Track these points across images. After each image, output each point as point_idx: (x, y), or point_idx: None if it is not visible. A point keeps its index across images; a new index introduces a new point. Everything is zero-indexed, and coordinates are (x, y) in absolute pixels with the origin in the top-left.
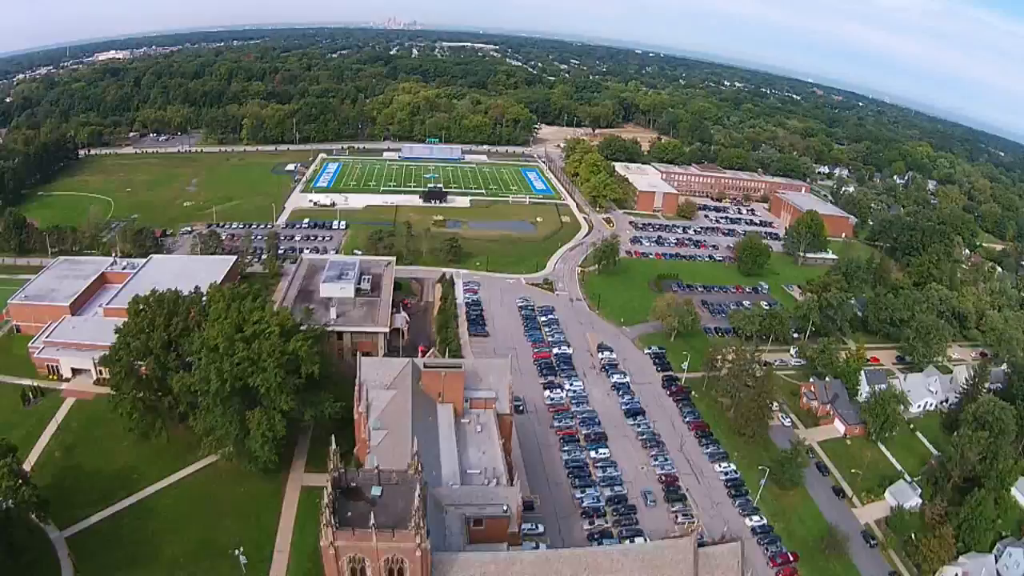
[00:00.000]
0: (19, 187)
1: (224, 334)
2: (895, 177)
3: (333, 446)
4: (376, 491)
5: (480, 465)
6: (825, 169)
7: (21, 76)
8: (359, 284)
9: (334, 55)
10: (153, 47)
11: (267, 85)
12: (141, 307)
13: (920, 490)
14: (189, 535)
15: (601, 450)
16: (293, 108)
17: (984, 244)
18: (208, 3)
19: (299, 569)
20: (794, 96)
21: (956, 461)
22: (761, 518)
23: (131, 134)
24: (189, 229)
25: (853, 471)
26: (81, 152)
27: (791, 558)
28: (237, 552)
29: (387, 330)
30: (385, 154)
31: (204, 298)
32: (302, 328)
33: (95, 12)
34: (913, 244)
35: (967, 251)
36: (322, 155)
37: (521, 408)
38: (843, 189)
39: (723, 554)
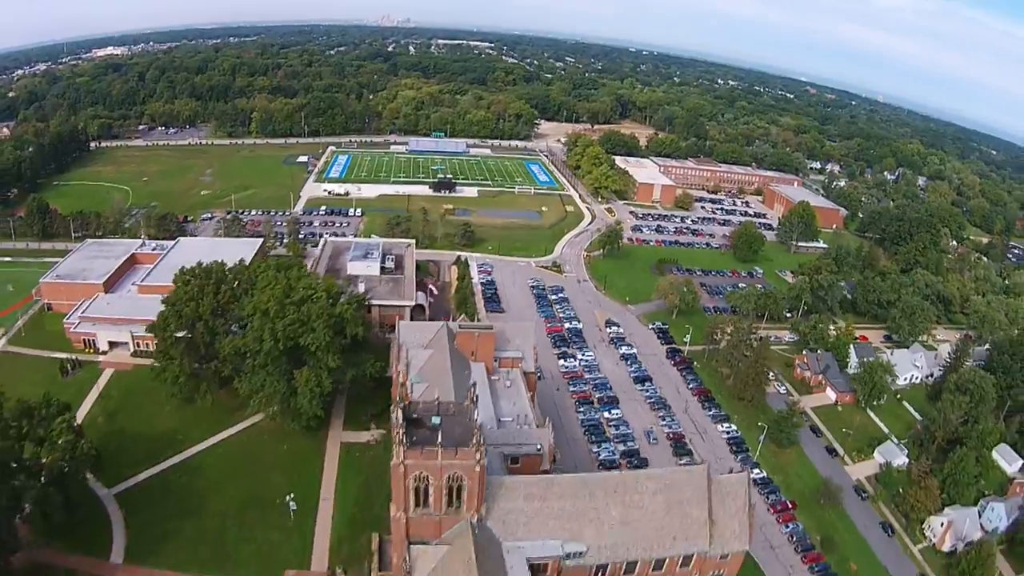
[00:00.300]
0: (35, 176)
1: (275, 299)
2: (885, 173)
3: (403, 379)
4: (436, 420)
5: (512, 414)
6: (817, 165)
7: (20, 71)
8: (383, 263)
9: (332, 52)
10: (151, 43)
11: (271, 80)
12: (189, 278)
13: (907, 451)
14: (236, 489)
15: (614, 411)
16: (301, 102)
17: (971, 237)
18: (203, 1)
19: (344, 515)
20: (787, 95)
21: (939, 423)
22: (761, 471)
23: (140, 127)
24: (209, 216)
25: (844, 430)
26: (92, 144)
27: (790, 505)
28: (288, 498)
29: (413, 304)
30: (392, 147)
31: (248, 269)
32: (344, 295)
33: (91, 11)
34: (901, 234)
35: (954, 243)
36: (331, 148)
37: (539, 375)
38: (834, 184)
39: (733, 482)
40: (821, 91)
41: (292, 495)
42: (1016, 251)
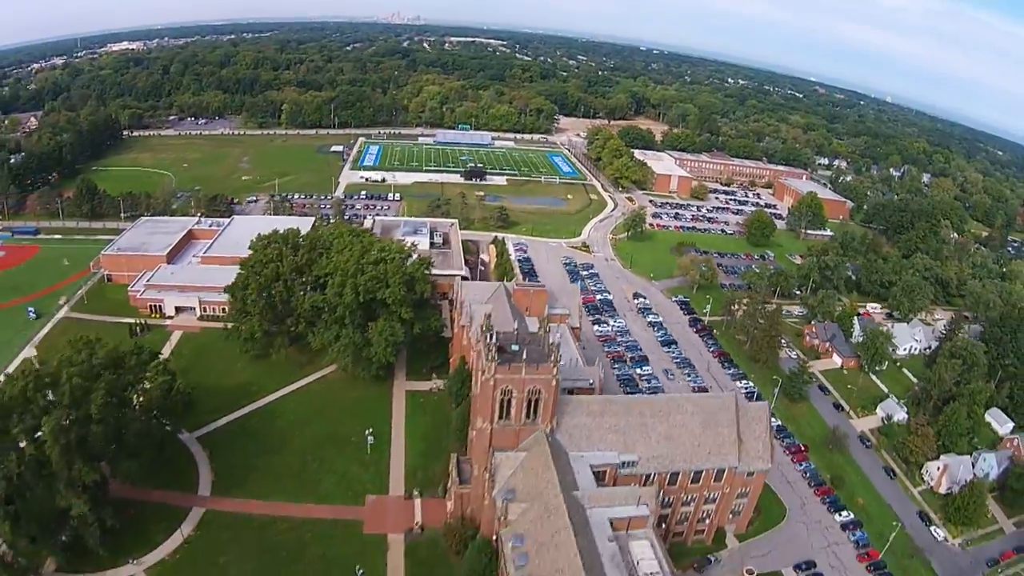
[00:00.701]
0: (74, 161)
1: (353, 258)
2: (891, 170)
3: (485, 315)
4: (515, 347)
5: (564, 359)
6: (825, 161)
7: (36, 65)
8: (432, 239)
9: (350, 48)
10: (166, 38)
11: (296, 74)
12: (268, 242)
13: (906, 408)
14: (313, 430)
15: (644, 368)
16: (329, 95)
17: (972, 230)
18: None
19: (415, 449)
20: (797, 94)
21: (935, 382)
22: (776, 420)
23: (170, 117)
24: (254, 199)
25: (848, 386)
26: (124, 133)
27: (803, 448)
28: (367, 432)
29: (462, 273)
30: (420, 139)
31: (323, 234)
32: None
33: (91, 8)
34: (903, 223)
35: (955, 234)
36: (362, 138)
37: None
38: (841, 178)
39: (756, 408)
40: (830, 91)
41: (371, 429)
42: (1015, 244)
